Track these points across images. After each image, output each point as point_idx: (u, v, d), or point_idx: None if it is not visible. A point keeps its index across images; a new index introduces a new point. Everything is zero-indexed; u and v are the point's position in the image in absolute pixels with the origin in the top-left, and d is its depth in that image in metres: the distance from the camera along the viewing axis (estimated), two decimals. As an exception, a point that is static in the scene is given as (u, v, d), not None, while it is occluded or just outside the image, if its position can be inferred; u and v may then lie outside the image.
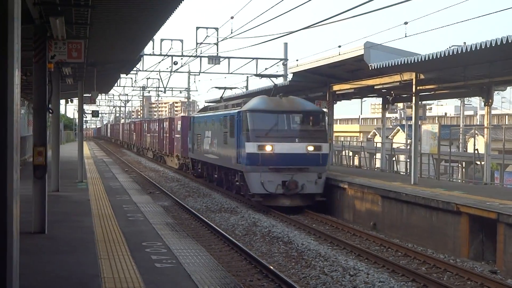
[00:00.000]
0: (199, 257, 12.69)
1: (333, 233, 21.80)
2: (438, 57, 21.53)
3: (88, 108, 76.84)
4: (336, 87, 34.00)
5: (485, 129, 28.38)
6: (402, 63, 23.58)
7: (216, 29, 41.57)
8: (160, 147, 55.52)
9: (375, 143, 50.11)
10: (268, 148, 25.91)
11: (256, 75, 39.14)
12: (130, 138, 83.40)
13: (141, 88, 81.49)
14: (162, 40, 44.08)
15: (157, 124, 58.40)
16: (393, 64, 24.30)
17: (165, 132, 52.23)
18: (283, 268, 16.04)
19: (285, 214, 24.83)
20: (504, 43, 18.30)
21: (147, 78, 74.57)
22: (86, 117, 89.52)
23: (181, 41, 44.56)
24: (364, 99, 60.68)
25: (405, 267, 15.84)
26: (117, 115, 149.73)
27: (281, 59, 46.95)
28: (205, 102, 74.57)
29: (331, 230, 22.67)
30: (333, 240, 19.83)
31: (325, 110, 32.48)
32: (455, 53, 20.70)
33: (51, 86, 16.12)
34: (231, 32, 31.94)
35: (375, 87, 29.98)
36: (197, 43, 42.09)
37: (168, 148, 50.75)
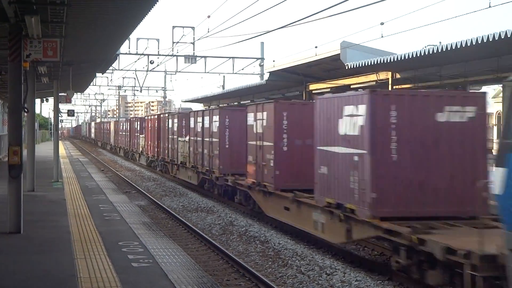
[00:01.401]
0: (176, 257, 12.68)
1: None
2: (414, 56, 21.68)
3: (63, 107, 76.40)
4: (312, 86, 34.15)
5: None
6: (378, 62, 23.70)
7: (193, 28, 41.60)
8: (226, 165, 27.98)
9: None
10: None
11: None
12: (133, 143, 57.23)
13: (117, 87, 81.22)
14: (138, 39, 44.02)
15: (217, 118, 28.71)
16: (369, 64, 24.43)
17: (262, 136, 22.65)
18: (260, 267, 16.03)
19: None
20: (479, 42, 18.47)
21: (123, 77, 74.37)
22: (62, 116, 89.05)
23: (158, 40, 44.60)
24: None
25: (381, 266, 15.89)
26: (93, 114, 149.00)
27: (257, 58, 47.01)
28: (182, 102, 74.17)
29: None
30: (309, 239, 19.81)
31: None
32: (430, 53, 20.85)
33: (27, 85, 16.02)
34: (208, 31, 31.99)
35: (351, 87, 30.16)
36: (173, 42, 42.09)
37: (263, 175, 22.47)
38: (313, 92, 34.46)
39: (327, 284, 14.28)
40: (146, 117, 53.05)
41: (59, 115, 37.43)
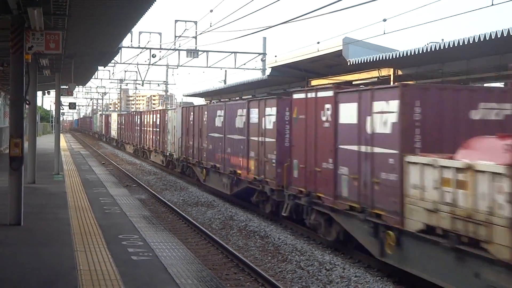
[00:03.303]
0: (175, 250, 12.68)
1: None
2: (416, 53, 21.65)
3: (65, 100, 76.42)
4: (314, 82, 34.11)
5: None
6: (380, 59, 23.67)
7: (195, 22, 41.53)
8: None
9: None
10: None
11: None
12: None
13: (118, 81, 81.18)
14: (140, 32, 43.97)
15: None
16: (371, 60, 24.40)
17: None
18: (260, 262, 16.05)
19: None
20: (482, 40, 18.45)
21: (125, 71, 74.38)
22: (63, 109, 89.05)
23: (160, 34, 44.56)
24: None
25: (380, 262, 15.89)
26: (95, 107, 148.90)
27: (259, 54, 46.97)
28: (183, 96, 74.23)
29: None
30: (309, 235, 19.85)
31: None
32: (433, 50, 20.82)
33: (28, 77, 16.01)
34: (210, 26, 31.93)
35: (353, 83, 30.13)
36: (175, 36, 42.04)
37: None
38: (314, 87, 34.47)
39: (326, 280, 14.29)
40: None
41: (61, 107, 37.44)
